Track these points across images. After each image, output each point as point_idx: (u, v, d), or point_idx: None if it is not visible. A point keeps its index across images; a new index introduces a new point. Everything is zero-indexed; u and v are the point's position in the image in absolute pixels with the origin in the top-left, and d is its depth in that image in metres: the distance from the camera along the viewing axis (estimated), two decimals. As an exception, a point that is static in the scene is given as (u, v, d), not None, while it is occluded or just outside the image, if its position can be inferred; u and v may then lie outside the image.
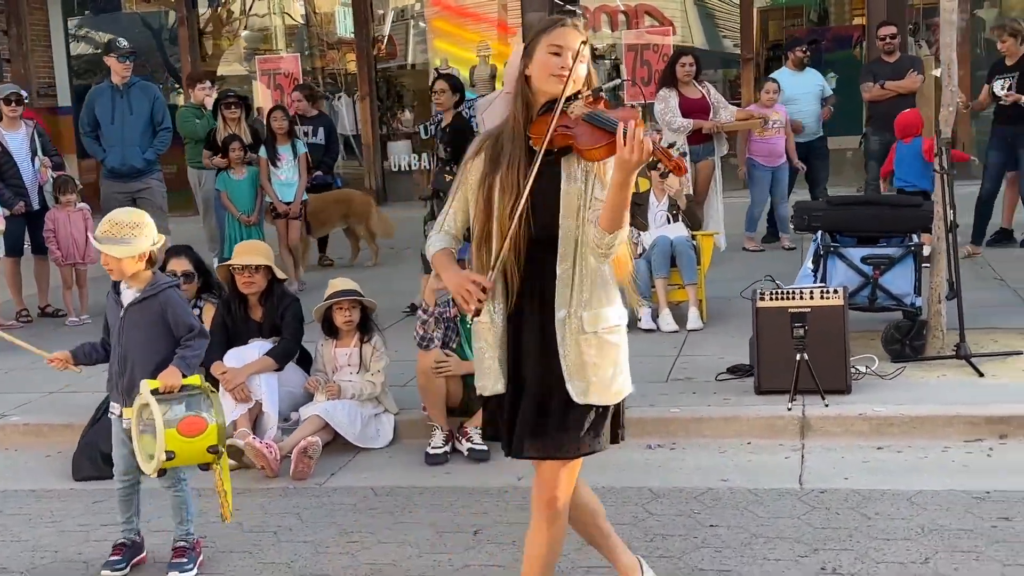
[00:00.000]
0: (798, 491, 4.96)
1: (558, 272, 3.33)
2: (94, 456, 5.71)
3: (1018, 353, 6.45)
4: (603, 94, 3.32)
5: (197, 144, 10.20)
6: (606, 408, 3.41)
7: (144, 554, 4.64)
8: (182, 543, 4.49)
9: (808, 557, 4.27)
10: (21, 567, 4.70)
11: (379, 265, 10.94)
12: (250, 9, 17.58)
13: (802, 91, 10.92)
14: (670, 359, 6.84)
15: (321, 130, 11.27)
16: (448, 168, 8.13)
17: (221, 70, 17.08)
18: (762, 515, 4.68)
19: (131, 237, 4.31)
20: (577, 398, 3.33)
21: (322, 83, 16.13)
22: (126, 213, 4.49)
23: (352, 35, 16.21)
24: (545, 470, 3.44)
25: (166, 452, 4.14)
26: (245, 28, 17.79)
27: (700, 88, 10.00)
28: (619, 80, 3.46)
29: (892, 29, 10.89)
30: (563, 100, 3.22)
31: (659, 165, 3.17)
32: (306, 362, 6.26)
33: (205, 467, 4.30)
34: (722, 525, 4.62)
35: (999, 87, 9.24)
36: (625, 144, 3.00)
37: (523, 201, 3.21)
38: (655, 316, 7.57)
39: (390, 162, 16.14)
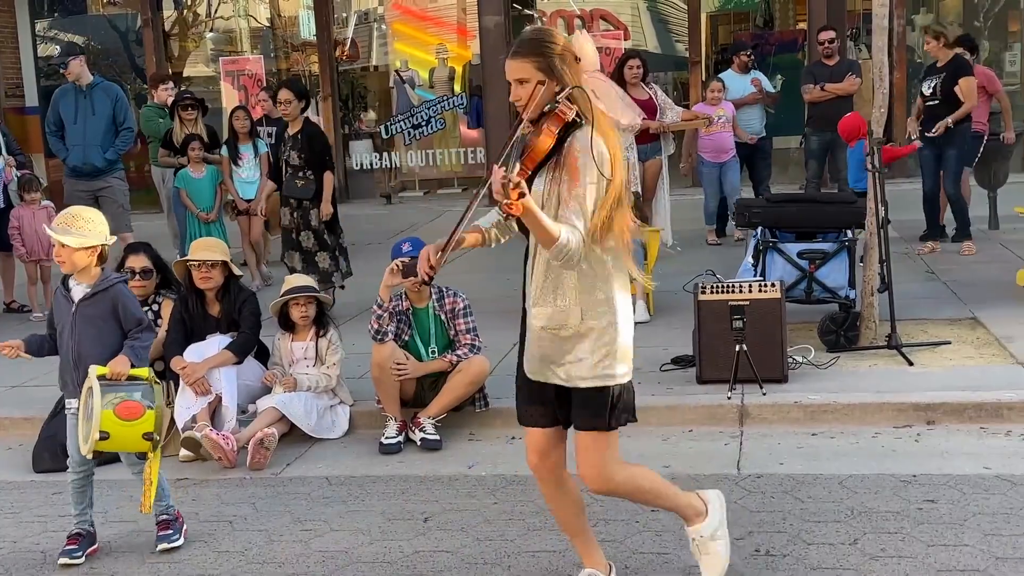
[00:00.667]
0: (736, 476, 4.97)
1: (536, 264, 3.43)
2: (54, 448, 5.60)
3: (946, 343, 6.52)
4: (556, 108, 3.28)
5: (156, 142, 10.10)
6: (592, 391, 3.49)
7: (97, 545, 4.57)
8: (164, 516, 4.50)
9: (743, 540, 4.28)
10: (-25, 556, 4.64)
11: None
12: (215, 12, 17.42)
13: (747, 92, 10.99)
14: (615, 351, 6.83)
15: (276, 130, 11.15)
16: (301, 174, 8.07)
17: (187, 71, 16.94)
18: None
19: (85, 231, 4.30)
20: (551, 380, 3.52)
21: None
22: (84, 209, 4.47)
23: (315, 37, 16.11)
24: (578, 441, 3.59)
25: (100, 431, 4.13)
26: (210, 30, 17.64)
27: (648, 90, 10.00)
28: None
29: (831, 34, 10.97)
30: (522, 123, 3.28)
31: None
32: (263, 355, 6.20)
33: (142, 456, 4.28)
34: (662, 510, 4.61)
35: (926, 87, 9.32)
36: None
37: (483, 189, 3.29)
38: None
39: (352, 160, 16.07)
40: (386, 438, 5.62)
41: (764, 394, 5.69)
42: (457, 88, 16.18)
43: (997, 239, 9.65)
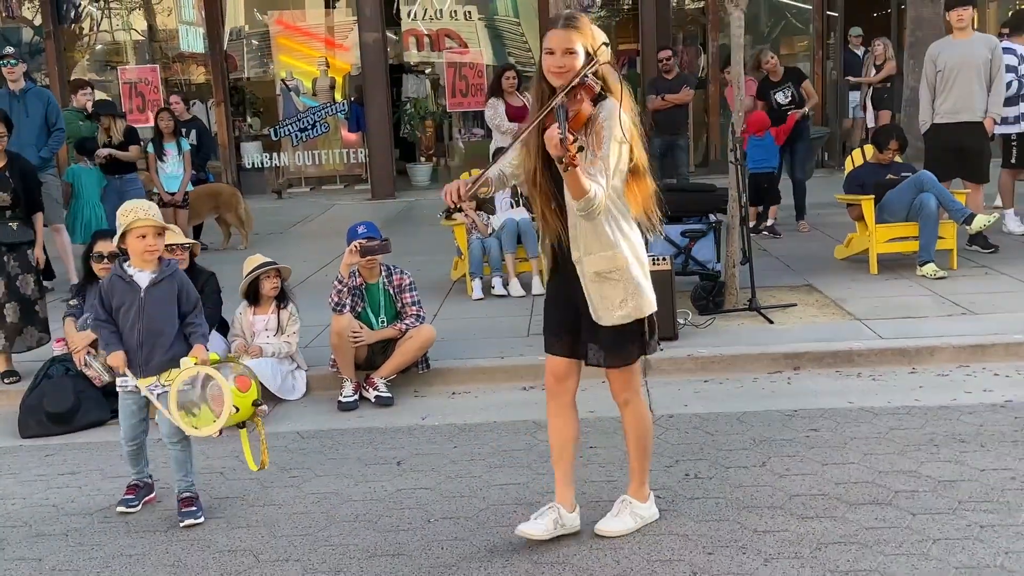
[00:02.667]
0: (652, 417, 5.18)
1: (569, 221, 3.52)
2: (39, 416, 5.44)
3: (793, 305, 6.94)
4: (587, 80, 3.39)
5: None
6: (626, 327, 3.58)
7: (154, 494, 4.48)
8: (188, 494, 4.27)
9: (673, 467, 4.51)
10: (-6, 514, 4.47)
11: (250, 247, 10.65)
12: (114, 25, 16.71)
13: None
14: (525, 318, 7.01)
15: (193, 132, 10.91)
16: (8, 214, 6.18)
17: (86, 78, 16.20)
18: (629, 437, 4.91)
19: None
20: (602, 322, 3.56)
21: (183, 91, 15.47)
22: (145, 204, 4.30)
23: (207, 49, 15.65)
24: (610, 376, 3.75)
25: (233, 406, 3.90)
26: (100, 43, 16.94)
27: (522, 98, 10.16)
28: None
29: (668, 53, 11.39)
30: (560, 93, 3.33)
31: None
32: (223, 329, 6.11)
33: (242, 424, 4.03)
34: (599, 446, 4.80)
35: (781, 97, 9.75)
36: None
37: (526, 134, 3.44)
38: (506, 284, 7.73)
39: (243, 160, 15.73)
40: (344, 397, 5.64)
41: (662, 350, 5.94)
42: (338, 96, 16.04)
43: (810, 222, 10.24)
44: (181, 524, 4.19)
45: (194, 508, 4.25)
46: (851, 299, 6.96)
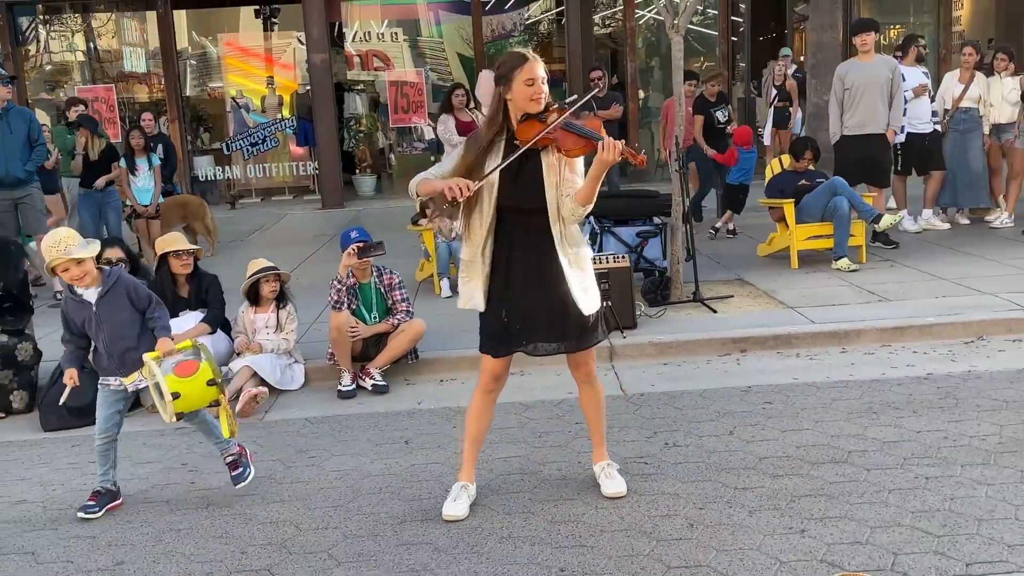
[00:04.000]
0: (624, 396, 5.45)
1: (553, 231, 3.68)
2: (61, 411, 5.41)
3: (730, 296, 7.29)
4: (565, 105, 3.64)
5: (67, 156, 9.58)
6: (596, 313, 3.85)
7: (120, 500, 4.31)
8: (231, 457, 4.31)
9: (653, 438, 4.75)
10: (38, 498, 4.47)
11: (215, 255, 10.61)
12: (48, 46, 16.32)
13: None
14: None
15: (160, 146, 10.80)
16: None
17: (45, 96, 15.87)
18: (609, 414, 5.12)
19: (78, 243, 4.06)
20: (586, 311, 3.77)
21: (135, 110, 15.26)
22: (59, 231, 4.13)
23: (161, 68, 15.45)
24: (578, 357, 3.91)
25: (171, 393, 3.99)
26: (50, 64, 16.55)
27: (471, 114, 10.36)
28: (575, 97, 3.75)
29: (599, 72, 11.70)
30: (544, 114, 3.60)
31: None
32: (225, 327, 6.16)
33: (215, 404, 4.16)
34: (583, 422, 5.01)
35: (721, 115, 10.11)
36: (604, 149, 3.38)
37: (496, 172, 3.61)
38: (453, 287, 7.84)
39: (197, 172, 15.56)
40: (343, 386, 5.76)
41: (624, 337, 6.22)
42: (286, 113, 15.98)
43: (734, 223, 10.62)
44: (236, 487, 4.29)
45: (240, 469, 4.31)
46: (780, 290, 7.34)
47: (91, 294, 4.17)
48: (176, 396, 4.02)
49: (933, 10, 16.38)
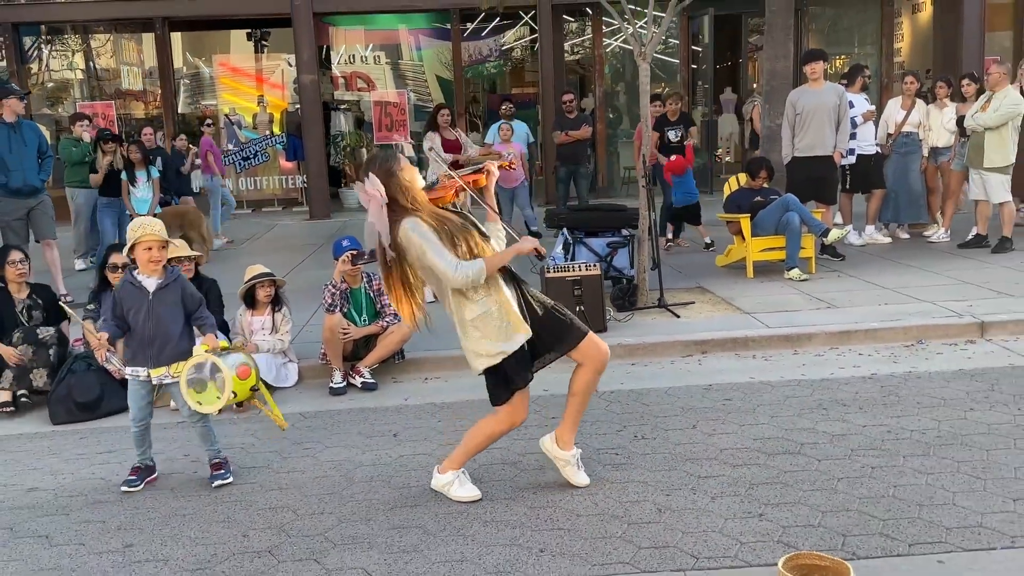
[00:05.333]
0: (596, 393, 5.49)
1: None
2: (69, 405, 5.42)
3: (692, 303, 7.39)
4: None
5: (73, 167, 9.57)
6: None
7: (156, 475, 4.48)
8: (217, 460, 4.40)
9: (623, 431, 4.83)
10: (49, 486, 4.46)
11: (210, 263, 10.56)
12: (48, 64, 16.20)
13: (515, 137, 11.62)
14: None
15: (159, 159, 10.77)
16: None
17: (46, 112, 15.72)
18: (581, 409, 5.21)
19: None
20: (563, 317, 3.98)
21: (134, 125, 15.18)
22: (150, 218, 4.40)
23: (158, 86, 15.39)
24: (585, 345, 4.01)
25: (233, 392, 4.11)
26: (51, 81, 16.43)
27: (455, 132, 10.41)
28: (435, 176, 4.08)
29: (570, 96, 11.81)
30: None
31: None
32: (223, 329, 6.16)
33: (239, 404, 4.23)
34: (559, 416, 5.08)
35: (673, 135, 10.25)
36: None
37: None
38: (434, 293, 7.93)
39: (193, 185, 15.39)
40: (334, 383, 5.79)
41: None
42: (276, 130, 15.95)
43: (688, 238, 10.76)
44: (213, 485, 4.32)
45: (223, 471, 4.38)
46: (737, 297, 7.46)
47: (151, 283, 4.25)
48: (233, 395, 4.14)
49: (876, 42, 16.70)
